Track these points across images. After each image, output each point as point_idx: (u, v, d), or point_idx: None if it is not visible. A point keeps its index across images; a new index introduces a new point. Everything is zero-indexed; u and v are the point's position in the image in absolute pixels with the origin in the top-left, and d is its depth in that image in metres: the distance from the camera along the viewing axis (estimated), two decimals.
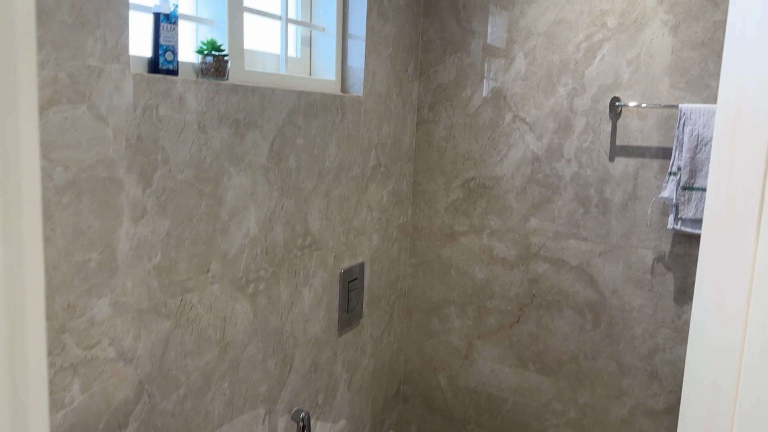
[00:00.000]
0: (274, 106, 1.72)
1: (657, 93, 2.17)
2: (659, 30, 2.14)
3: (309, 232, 1.95)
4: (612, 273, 2.30)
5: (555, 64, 2.30)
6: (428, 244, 2.61)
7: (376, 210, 2.34)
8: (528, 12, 2.32)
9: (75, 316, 1.24)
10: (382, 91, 2.28)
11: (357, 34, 2.14)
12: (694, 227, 2.11)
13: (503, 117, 2.41)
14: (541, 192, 2.38)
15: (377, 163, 2.31)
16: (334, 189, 2.05)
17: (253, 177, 1.67)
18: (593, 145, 2.28)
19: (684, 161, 2.08)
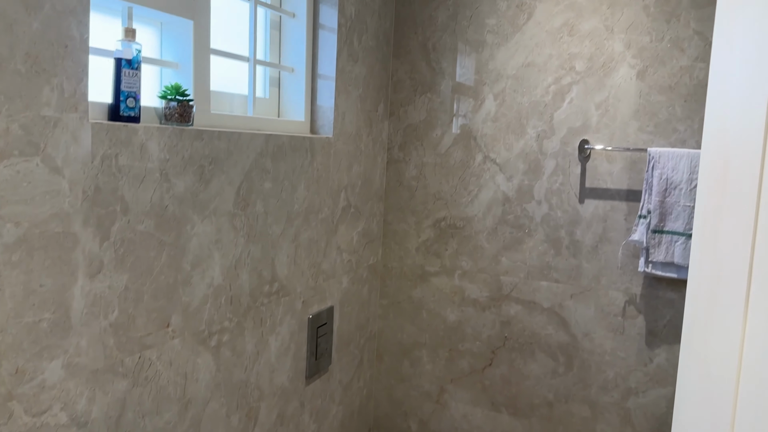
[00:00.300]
0: (241, 150, 1.67)
1: (625, 136, 2.19)
2: (627, 74, 2.16)
3: (276, 278, 1.88)
4: (584, 315, 2.28)
5: (524, 106, 2.31)
6: (399, 284, 2.56)
7: (346, 252, 2.29)
8: (497, 54, 2.33)
9: (24, 381, 1.15)
10: (352, 132, 2.25)
11: (327, 75, 2.12)
12: (664, 270, 2.11)
13: (474, 157, 2.40)
14: (512, 233, 2.37)
15: (347, 204, 2.27)
16: (302, 232, 2.00)
17: (218, 224, 1.61)
18: (563, 186, 2.28)
19: (654, 204, 2.09)
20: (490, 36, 2.33)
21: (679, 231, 2.07)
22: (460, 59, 2.38)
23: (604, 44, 2.18)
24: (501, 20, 2.31)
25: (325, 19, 2.10)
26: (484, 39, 2.34)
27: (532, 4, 2.26)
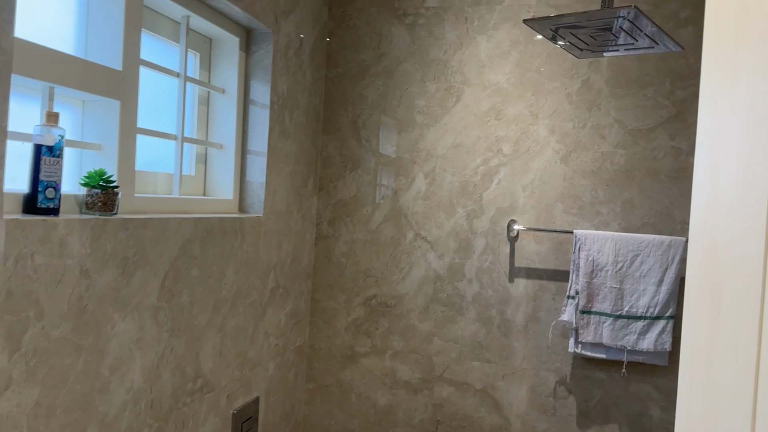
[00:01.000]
0: (168, 238, 1.54)
1: (552, 217, 2.24)
2: (552, 158, 2.24)
3: (201, 374, 1.73)
4: (516, 397, 2.27)
5: (454, 186, 2.32)
6: (327, 366, 2.45)
7: (273, 335, 2.17)
8: (427, 135, 2.35)
9: None
10: (282, 209, 2.16)
11: (258, 151, 2.04)
12: (594, 351, 2.14)
13: (405, 235, 2.37)
14: (444, 311, 2.34)
15: (276, 285, 2.16)
16: (229, 320, 1.87)
17: (140, 321, 1.46)
18: (493, 265, 2.29)
19: (581, 285, 2.13)
20: (420, 116, 2.35)
21: (607, 312, 2.12)
22: (391, 137, 2.38)
23: (530, 129, 2.25)
24: (430, 102, 2.34)
25: (257, 96, 2.04)
26: (414, 119, 2.36)
27: (460, 88, 2.31)
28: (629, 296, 2.10)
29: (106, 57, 1.45)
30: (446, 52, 2.32)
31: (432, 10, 2.33)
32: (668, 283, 2.07)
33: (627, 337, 2.09)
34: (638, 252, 2.10)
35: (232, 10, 1.82)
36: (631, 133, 2.16)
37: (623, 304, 2.11)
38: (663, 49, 1.17)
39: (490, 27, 2.28)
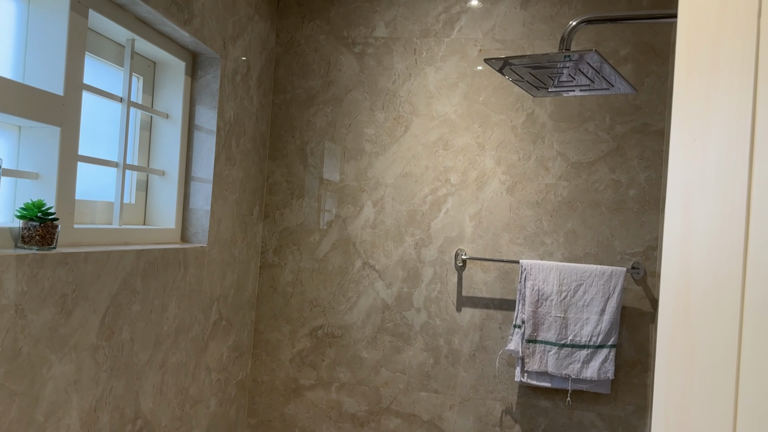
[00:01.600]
0: (109, 272, 1.46)
1: (498, 247, 2.27)
2: (498, 189, 2.27)
3: (140, 415, 1.64)
4: (463, 427, 2.26)
5: (403, 215, 2.32)
6: (269, 401, 2.37)
7: (215, 370, 2.08)
8: (375, 163, 2.34)
9: None
10: (227, 238, 2.10)
11: (203, 178, 1.97)
12: (539, 380, 2.17)
13: (353, 264, 2.35)
14: (391, 341, 2.32)
15: (219, 317, 2.08)
16: (171, 356, 1.78)
17: (78, 361, 1.37)
18: (441, 295, 2.30)
19: (527, 315, 2.16)
20: (369, 145, 2.35)
21: (552, 341, 2.15)
22: (339, 165, 2.36)
23: (476, 160, 2.29)
24: (379, 131, 2.34)
25: (203, 121, 1.98)
26: (363, 147, 2.35)
27: (408, 117, 2.32)
28: (573, 325, 2.15)
29: (47, 81, 1.37)
30: (395, 82, 2.33)
31: (381, 40, 2.34)
32: (610, 312, 2.12)
33: (571, 366, 2.13)
34: (581, 282, 2.15)
35: (180, 34, 1.77)
36: (574, 166, 2.23)
37: (567, 333, 2.15)
38: (618, 91, 1.22)
39: (438, 59, 2.31)
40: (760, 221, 0.66)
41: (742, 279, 0.68)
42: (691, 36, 0.79)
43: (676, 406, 0.74)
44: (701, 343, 0.72)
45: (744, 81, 0.71)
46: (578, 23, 1.23)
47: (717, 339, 0.69)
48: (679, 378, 0.75)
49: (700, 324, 0.72)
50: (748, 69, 0.70)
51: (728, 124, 0.71)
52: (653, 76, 2.17)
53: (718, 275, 0.70)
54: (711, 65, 0.76)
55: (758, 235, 0.66)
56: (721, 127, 0.73)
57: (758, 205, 0.67)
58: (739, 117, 0.69)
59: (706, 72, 0.77)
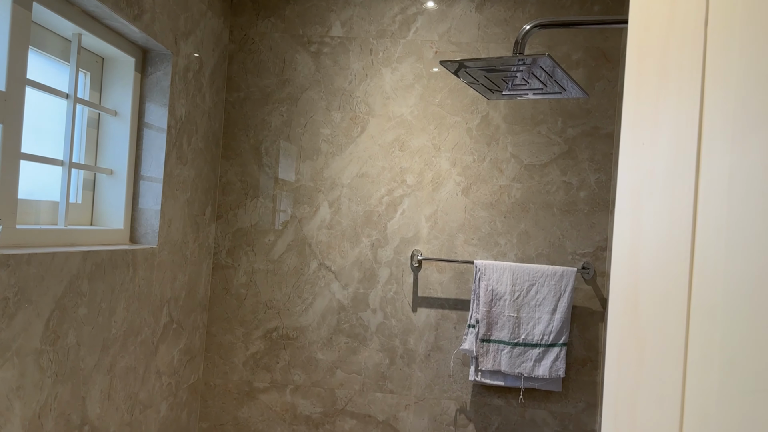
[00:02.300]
0: (53, 274, 1.40)
1: (453, 247, 2.29)
2: (453, 190, 2.29)
3: (87, 421, 1.58)
4: (418, 427, 2.27)
5: (359, 215, 2.32)
6: (222, 404, 2.33)
7: (165, 374, 2.03)
8: (332, 163, 2.33)
9: None
10: (178, 239, 2.05)
11: (153, 177, 1.92)
12: (492, 378, 2.20)
13: (308, 265, 2.33)
14: (347, 343, 2.31)
15: (169, 320, 2.03)
16: (119, 360, 1.73)
17: (21, 367, 1.31)
18: (397, 295, 2.30)
19: (481, 314, 2.19)
20: (325, 145, 2.33)
21: (505, 340, 2.18)
22: (295, 165, 2.34)
23: (432, 161, 2.30)
24: (335, 131, 2.33)
25: (153, 119, 1.92)
26: (319, 147, 2.33)
27: (365, 118, 2.32)
28: (526, 324, 2.18)
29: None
30: (351, 82, 2.32)
31: (337, 39, 2.33)
32: (561, 312, 2.17)
33: (524, 365, 2.17)
34: (534, 281, 2.19)
35: (129, 29, 1.72)
36: (527, 168, 2.26)
37: (520, 332, 2.18)
38: (570, 95, 1.24)
39: (394, 60, 2.31)
40: (706, 224, 0.68)
41: (689, 281, 0.70)
42: (641, 42, 0.81)
43: (625, 405, 0.76)
44: (650, 343, 0.74)
45: (692, 87, 0.73)
46: (531, 27, 1.24)
47: (665, 339, 0.71)
48: (628, 378, 0.77)
49: (649, 324, 0.74)
50: (696, 75, 0.72)
51: (676, 129, 0.73)
52: (604, 81, 2.23)
53: (666, 277, 0.72)
54: (660, 71, 0.78)
55: (704, 238, 0.68)
56: (669, 132, 0.75)
57: (705, 208, 0.69)
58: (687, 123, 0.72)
59: (655, 78, 0.79)
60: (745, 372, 0.63)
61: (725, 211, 0.67)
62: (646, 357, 0.75)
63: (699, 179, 0.71)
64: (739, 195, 0.65)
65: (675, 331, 0.70)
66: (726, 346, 0.65)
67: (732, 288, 0.64)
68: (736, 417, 0.64)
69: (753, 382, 0.62)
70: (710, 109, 0.70)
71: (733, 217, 0.66)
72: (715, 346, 0.66)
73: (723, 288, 0.65)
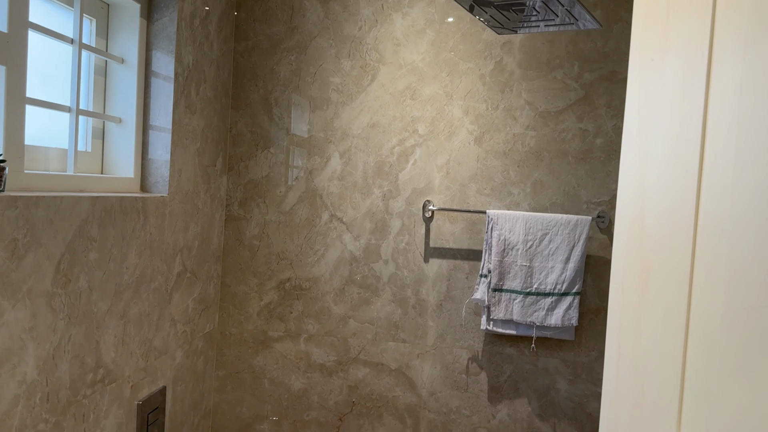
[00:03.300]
0: (62, 218, 1.41)
1: (465, 198, 2.26)
2: (466, 139, 2.25)
3: (102, 364, 1.61)
4: (430, 375, 2.29)
5: (370, 166, 2.29)
6: (238, 353, 2.36)
7: (180, 322, 2.06)
8: (342, 113, 2.30)
9: None
10: (189, 189, 2.05)
11: (161, 126, 1.91)
12: (504, 327, 2.19)
13: (320, 216, 2.32)
14: (359, 293, 2.31)
15: (183, 269, 2.05)
16: (132, 306, 1.75)
17: (33, 308, 1.33)
18: (409, 246, 2.29)
19: (493, 264, 2.17)
20: (335, 94, 2.30)
21: (517, 289, 2.17)
22: (305, 115, 2.31)
23: (444, 109, 2.26)
24: (345, 79, 2.29)
25: (160, 67, 1.91)
26: (329, 97, 2.30)
27: (375, 66, 2.27)
28: (538, 274, 2.17)
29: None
30: (361, 29, 2.27)
31: None
32: (575, 261, 2.14)
33: (536, 314, 2.16)
34: (547, 231, 2.16)
35: None
36: (542, 115, 2.21)
37: (533, 281, 2.17)
38: (582, 26, 1.19)
39: (405, 4, 2.25)
40: (715, 136, 0.65)
41: (697, 196, 0.67)
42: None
43: (629, 329, 0.75)
44: (655, 264, 0.72)
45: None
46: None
47: (670, 259, 0.69)
48: (632, 302, 0.75)
49: (655, 245, 0.72)
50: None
51: (687, 41, 0.70)
52: (622, 23, 2.15)
53: (673, 194, 0.69)
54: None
55: (713, 151, 0.65)
56: (679, 45, 0.71)
57: (714, 120, 0.66)
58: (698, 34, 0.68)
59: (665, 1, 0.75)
60: (752, 288, 0.60)
61: (735, 122, 0.64)
62: (650, 280, 0.73)
63: (709, 90, 0.67)
64: (751, 104, 0.62)
65: (681, 249, 0.68)
66: (733, 261, 0.63)
67: (741, 201, 0.62)
68: (741, 334, 0.62)
69: (760, 297, 0.60)
70: (722, 18, 0.67)
71: (744, 127, 0.63)
72: (722, 262, 0.64)
73: (731, 201, 0.63)
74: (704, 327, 0.65)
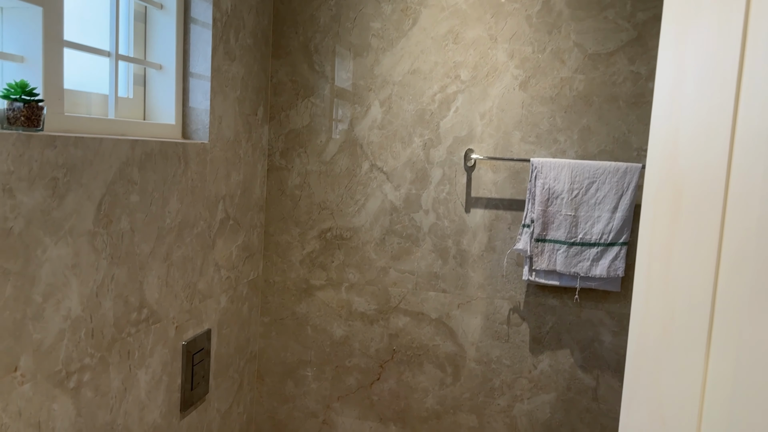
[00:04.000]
0: (102, 159, 1.44)
1: (509, 146, 2.20)
2: (510, 84, 2.18)
3: (146, 304, 1.67)
4: (470, 325, 2.27)
5: (411, 114, 2.25)
6: (282, 300, 2.41)
7: (224, 268, 2.10)
8: (383, 60, 2.25)
9: None
10: (230, 137, 2.06)
11: (201, 74, 1.92)
12: (547, 278, 2.15)
13: (360, 166, 2.31)
14: (400, 243, 2.30)
15: (225, 216, 2.08)
16: (175, 250, 1.79)
17: (75, 246, 1.37)
18: (450, 196, 2.26)
19: (537, 214, 2.12)
20: (375, 40, 2.25)
21: (561, 240, 2.11)
22: (345, 63, 2.28)
23: (488, 53, 2.18)
24: (386, 24, 2.24)
25: (198, 13, 1.90)
26: (369, 43, 2.25)
27: (416, 9, 2.21)
28: (584, 223, 2.10)
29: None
30: None
31: None
32: (623, 210, 2.07)
33: (580, 264, 2.10)
34: (594, 179, 2.08)
35: None
36: (591, 58, 2.11)
37: (577, 231, 2.10)
38: None
39: None
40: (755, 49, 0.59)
41: (734, 112, 0.62)
42: None
43: (659, 255, 0.70)
44: (687, 186, 0.67)
45: None
46: None
47: (704, 179, 0.64)
48: (664, 225, 0.70)
49: (688, 166, 0.67)
50: None
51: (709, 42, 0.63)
52: None
53: (709, 111, 0.64)
54: None
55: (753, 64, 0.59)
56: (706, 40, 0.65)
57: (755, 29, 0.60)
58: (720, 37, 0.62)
59: None
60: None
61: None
62: (683, 202, 0.69)
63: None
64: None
65: (715, 166, 0.63)
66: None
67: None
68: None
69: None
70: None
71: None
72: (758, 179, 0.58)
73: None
74: (737, 249, 0.60)
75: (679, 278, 0.66)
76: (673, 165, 0.69)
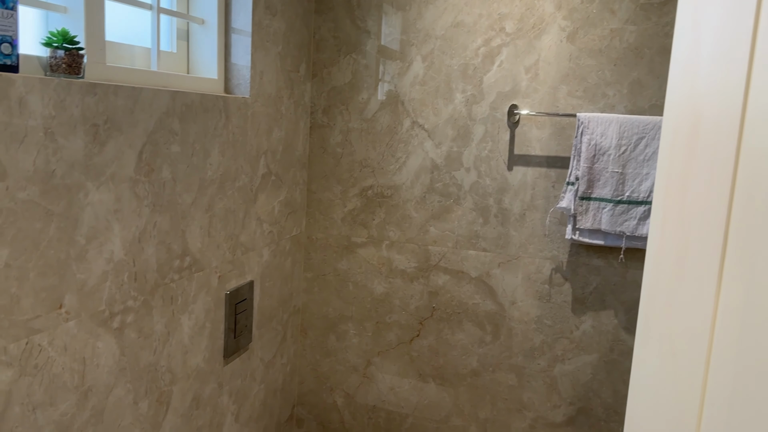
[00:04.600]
0: (142, 109, 1.48)
1: (555, 101, 2.14)
2: (557, 36, 2.10)
3: (188, 252, 1.72)
4: (511, 284, 2.25)
5: (453, 69, 2.21)
6: (324, 256, 2.44)
7: (266, 222, 2.14)
8: (425, 13, 2.21)
9: None
10: (271, 93, 2.08)
11: (242, 29, 1.94)
12: (591, 237, 2.10)
13: (401, 123, 2.29)
14: (440, 201, 2.29)
15: (267, 171, 2.11)
16: (217, 202, 1.84)
17: (117, 192, 1.43)
18: (492, 154, 2.22)
19: (582, 171, 2.06)
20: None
21: (607, 198, 2.05)
22: (386, 18, 2.25)
23: (535, 4, 2.11)
24: None
25: None
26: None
27: None
28: (631, 181, 2.03)
29: None
30: None
31: None
32: None
33: (626, 223, 2.04)
34: (643, 135, 2.00)
35: None
36: (643, 7, 2.01)
37: (624, 189, 2.04)
38: None
39: None
40: None
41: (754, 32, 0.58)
42: None
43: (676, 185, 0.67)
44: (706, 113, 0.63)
45: None
46: None
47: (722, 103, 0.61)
48: (681, 156, 0.67)
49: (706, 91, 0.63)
50: None
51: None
52: None
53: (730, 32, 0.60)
54: None
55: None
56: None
57: None
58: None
59: None
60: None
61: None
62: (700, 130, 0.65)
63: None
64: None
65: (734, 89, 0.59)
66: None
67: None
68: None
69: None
70: None
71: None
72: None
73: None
74: (751, 175, 0.57)
75: (695, 206, 0.63)
76: (691, 90, 0.66)
